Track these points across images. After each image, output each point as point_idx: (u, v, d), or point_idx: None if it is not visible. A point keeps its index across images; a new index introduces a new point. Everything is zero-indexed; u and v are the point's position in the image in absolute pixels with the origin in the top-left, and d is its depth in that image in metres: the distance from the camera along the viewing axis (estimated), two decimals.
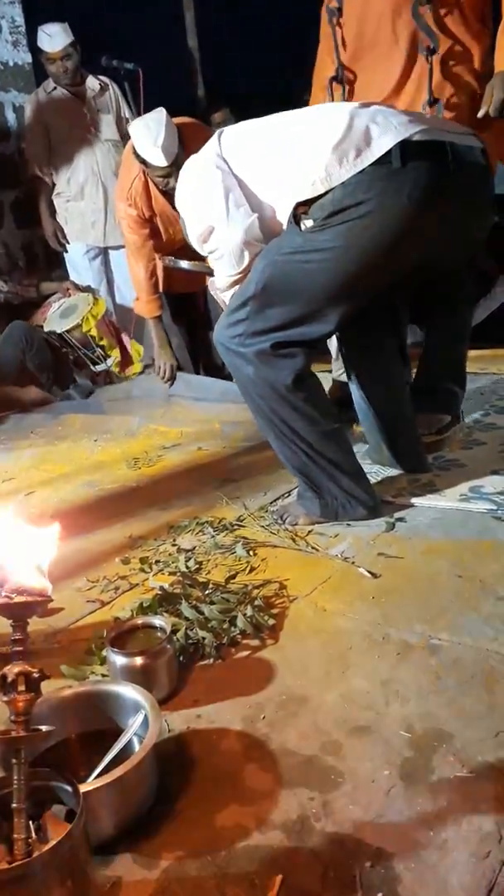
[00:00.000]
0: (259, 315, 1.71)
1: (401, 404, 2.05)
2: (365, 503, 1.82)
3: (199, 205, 1.81)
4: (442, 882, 0.83)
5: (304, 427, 1.76)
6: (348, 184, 1.59)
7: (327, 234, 1.63)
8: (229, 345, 1.77)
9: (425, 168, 1.59)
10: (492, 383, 3.05)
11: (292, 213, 1.69)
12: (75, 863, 0.78)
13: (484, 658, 1.22)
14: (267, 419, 1.79)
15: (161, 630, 1.29)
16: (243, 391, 1.83)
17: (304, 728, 1.12)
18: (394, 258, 1.68)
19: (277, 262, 1.69)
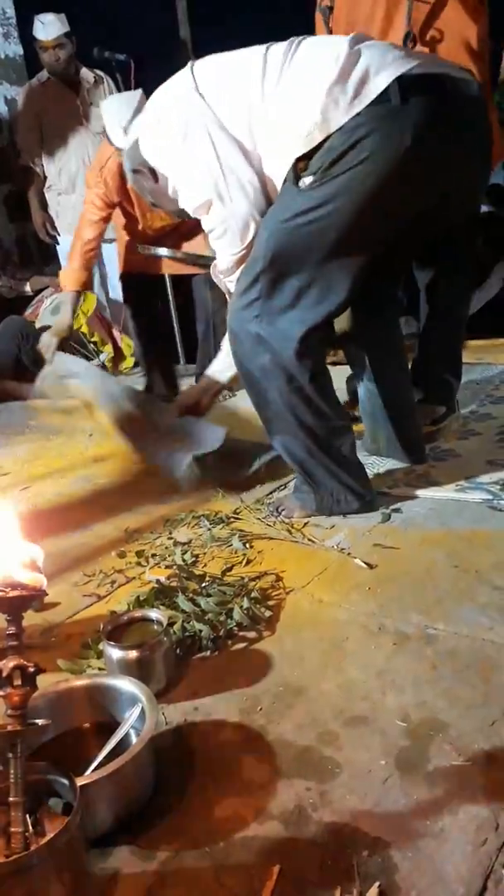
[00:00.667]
0: (273, 291, 1.63)
1: (408, 392, 2.06)
2: (361, 496, 1.81)
3: (188, 171, 1.67)
4: (439, 870, 0.84)
5: (314, 420, 1.72)
6: (346, 128, 1.49)
7: (329, 188, 1.53)
8: (247, 328, 1.67)
9: (426, 103, 1.50)
10: (487, 374, 3.05)
11: (291, 171, 1.58)
12: (72, 856, 0.79)
13: (480, 647, 1.23)
14: (274, 411, 1.74)
15: (157, 623, 1.30)
16: (252, 382, 1.75)
17: (301, 719, 1.12)
18: (399, 204, 1.60)
19: (281, 228, 1.60)
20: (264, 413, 1.79)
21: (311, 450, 1.76)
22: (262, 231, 1.65)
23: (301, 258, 1.60)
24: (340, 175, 1.52)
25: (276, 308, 1.65)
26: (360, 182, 1.52)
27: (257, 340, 1.67)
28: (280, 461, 2.01)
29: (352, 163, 1.51)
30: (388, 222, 1.63)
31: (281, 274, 1.62)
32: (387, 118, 1.49)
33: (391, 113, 1.49)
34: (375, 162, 1.50)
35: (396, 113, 1.49)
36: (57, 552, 1.87)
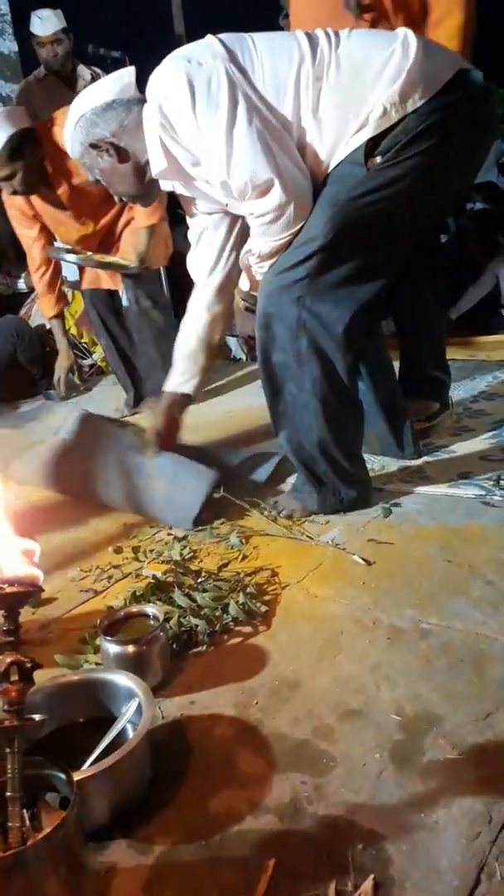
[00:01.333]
0: (324, 270, 1.59)
1: (396, 389, 2.07)
2: (362, 487, 1.82)
3: (243, 148, 1.52)
4: (433, 863, 0.85)
5: (341, 409, 1.70)
6: (421, 112, 1.52)
7: (400, 168, 1.55)
8: (288, 311, 1.62)
9: (475, 95, 1.59)
10: (480, 370, 3.06)
11: (360, 151, 1.55)
12: (69, 850, 0.79)
13: (473, 641, 1.23)
14: (294, 403, 1.71)
15: (154, 618, 1.30)
16: (272, 372, 1.70)
17: (297, 713, 1.13)
18: (451, 189, 1.70)
19: (348, 206, 1.56)
20: (278, 408, 1.75)
21: (324, 444, 1.73)
22: (324, 209, 1.59)
23: (363, 236, 1.60)
24: (413, 157, 1.55)
25: (324, 287, 1.61)
26: (430, 166, 1.57)
27: (297, 324, 1.63)
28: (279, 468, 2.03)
29: (424, 146, 1.54)
30: (439, 206, 1.72)
31: (338, 252, 1.59)
32: (456, 106, 1.55)
33: (459, 102, 1.55)
34: (446, 147, 1.57)
35: (463, 103, 1.56)
36: (53, 548, 1.87)
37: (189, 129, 1.58)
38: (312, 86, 1.54)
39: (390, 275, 1.68)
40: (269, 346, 1.69)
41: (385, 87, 1.52)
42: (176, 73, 1.55)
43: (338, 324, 1.62)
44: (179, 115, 1.56)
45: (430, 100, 1.53)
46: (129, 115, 1.71)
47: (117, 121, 1.72)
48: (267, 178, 1.53)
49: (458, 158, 1.64)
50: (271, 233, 1.62)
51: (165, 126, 1.60)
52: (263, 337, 1.69)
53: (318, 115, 1.56)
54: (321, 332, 1.63)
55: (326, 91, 1.55)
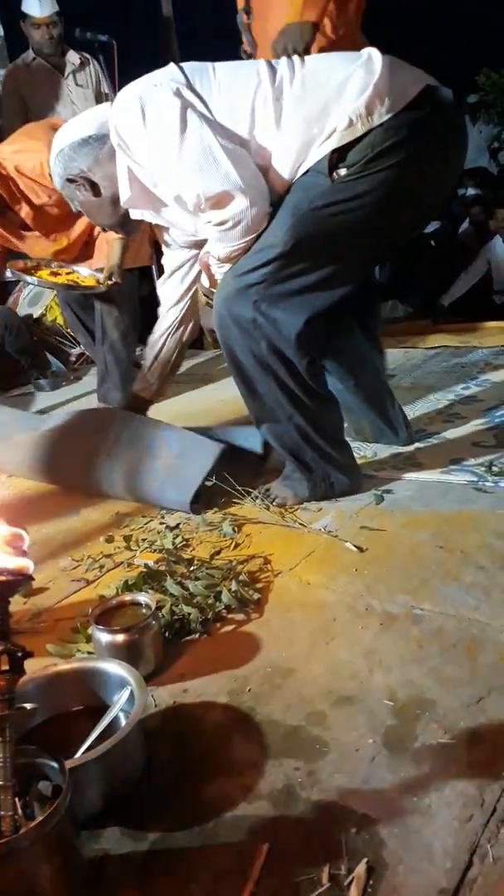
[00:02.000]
0: (282, 276, 1.60)
1: (379, 378, 2.07)
2: (351, 474, 1.83)
3: (196, 163, 1.54)
4: (426, 846, 0.85)
5: (310, 402, 1.71)
6: (388, 126, 1.52)
7: (366, 182, 1.55)
8: (242, 313, 1.63)
9: (444, 112, 1.59)
10: (472, 357, 3.06)
11: (324, 161, 1.55)
12: (62, 838, 0.79)
13: (466, 626, 1.24)
14: (266, 400, 1.72)
15: (146, 607, 1.30)
16: (241, 371, 1.72)
17: (290, 699, 1.13)
18: (420, 205, 1.69)
19: (310, 216, 1.57)
20: (254, 403, 1.76)
21: (306, 433, 1.75)
22: (285, 217, 1.59)
23: (322, 246, 1.61)
24: (379, 172, 1.55)
25: (281, 294, 1.62)
26: (396, 180, 1.56)
27: (252, 326, 1.64)
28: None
29: (390, 161, 1.54)
30: (405, 223, 1.71)
31: (297, 260, 1.60)
32: (424, 123, 1.55)
33: (427, 118, 1.55)
34: (414, 164, 1.56)
35: (430, 120, 1.55)
36: (44, 537, 1.86)
37: (142, 148, 1.60)
38: (272, 105, 1.56)
39: (348, 286, 1.69)
40: (231, 346, 1.71)
41: (351, 99, 1.52)
42: (131, 96, 1.60)
43: (291, 329, 1.63)
44: (132, 132, 1.59)
45: (398, 115, 1.52)
46: (103, 148, 1.73)
47: (92, 156, 1.75)
48: (219, 191, 1.54)
49: (426, 176, 1.62)
50: (229, 239, 1.63)
51: (123, 147, 1.63)
52: (223, 336, 1.71)
53: (280, 128, 1.57)
54: (276, 335, 1.64)
55: (288, 106, 1.56)
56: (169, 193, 1.64)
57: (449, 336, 3.55)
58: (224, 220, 1.59)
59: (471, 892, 0.79)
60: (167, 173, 1.60)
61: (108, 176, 1.75)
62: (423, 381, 2.78)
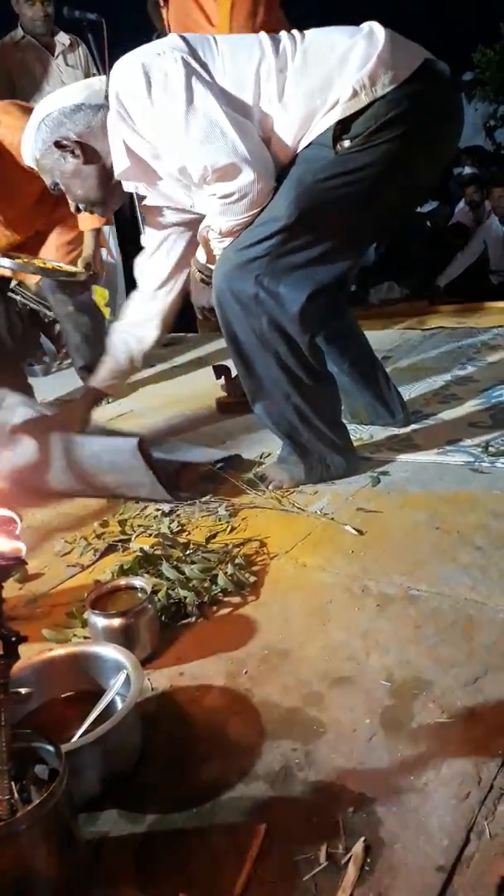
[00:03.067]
0: (286, 249, 1.58)
1: (372, 359, 2.06)
2: (348, 456, 1.82)
3: (203, 134, 1.50)
4: (423, 824, 0.85)
5: (309, 381, 1.70)
6: (390, 98, 1.50)
7: (370, 154, 1.54)
8: (244, 288, 1.61)
9: (443, 86, 1.59)
10: (469, 338, 3.04)
11: (328, 133, 1.53)
12: (59, 821, 0.79)
13: (462, 607, 1.24)
14: (264, 378, 1.70)
15: (142, 591, 1.29)
16: (240, 348, 1.69)
17: (286, 681, 1.13)
18: (421, 177, 1.70)
19: (313, 189, 1.55)
20: (252, 382, 1.74)
21: (303, 414, 1.73)
22: (289, 189, 1.57)
23: (326, 219, 1.59)
24: (382, 143, 1.53)
25: (283, 268, 1.60)
26: (400, 153, 1.55)
27: (254, 301, 1.62)
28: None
29: (394, 133, 1.53)
30: (405, 196, 1.72)
31: (300, 233, 1.58)
32: (425, 96, 1.54)
33: (427, 91, 1.54)
34: (416, 136, 1.56)
35: (430, 93, 1.55)
36: (40, 522, 1.86)
37: (146, 117, 1.56)
38: (276, 77, 1.53)
39: (349, 260, 1.68)
40: (230, 323, 1.68)
41: (354, 70, 1.50)
42: (134, 63, 1.54)
43: (294, 304, 1.62)
44: (135, 102, 1.55)
45: (400, 86, 1.51)
46: (96, 117, 1.68)
47: (84, 122, 1.69)
48: (227, 163, 1.50)
49: (427, 148, 1.63)
50: (233, 212, 1.60)
51: (123, 116, 1.58)
52: (222, 314, 1.68)
53: (283, 101, 1.54)
54: (277, 311, 1.62)
55: (291, 78, 1.54)
56: (173, 165, 1.60)
57: (445, 317, 3.53)
58: (230, 192, 1.56)
59: (468, 868, 0.79)
60: (172, 144, 1.56)
61: (101, 145, 1.69)
62: (420, 363, 2.77)
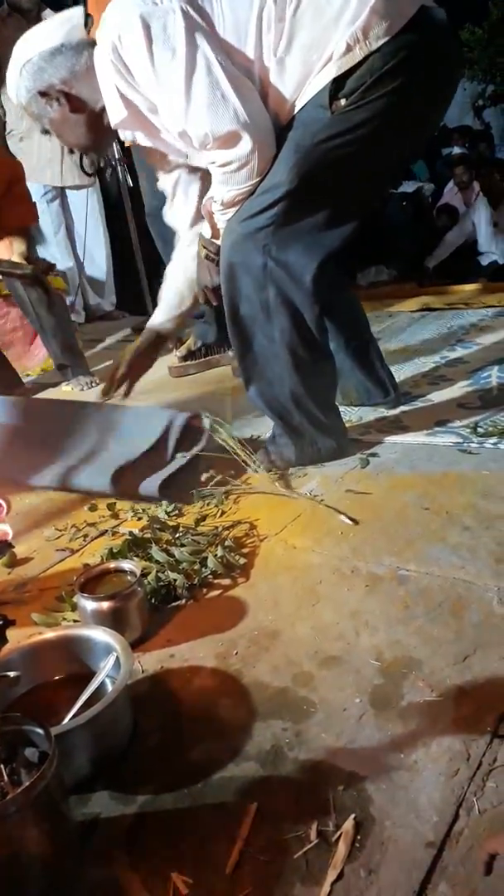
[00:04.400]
0: (291, 216, 1.55)
1: (366, 335, 2.05)
2: (339, 438, 1.82)
3: (205, 99, 1.45)
4: (413, 801, 0.86)
5: (310, 359, 1.68)
6: (384, 52, 1.45)
7: (366, 111, 1.49)
8: (252, 260, 1.58)
9: (440, 34, 1.53)
10: (458, 319, 3.04)
11: (324, 93, 1.49)
12: (50, 802, 0.79)
13: (451, 586, 1.24)
14: (264, 354, 1.68)
15: (131, 574, 1.29)
16: (240, 323, 1.67)
17: (277, 661, 1.13)
18: (419, 130, 1.66)
19: (312, 152, 1.51)
20: (247, 361, 1.72)
21: (297, 396, 1.71)
22: (289, 154, 1.53)
23: (328, 181, 1.55)
24: (378, 98, 1.48)
25: (290, 235, 1.57)
26: (397, 107, 1.50)
27: (262, 272, 1.59)
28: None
29: (390, 87, 1.48)
30: (406, 149, 1.69)
31: (304, 198, 1.55)
32: (420, 45, 1.48)
33: (423, 41, 1.48)
34: (412, 87, 1.50)
35: (427, 41, 1.49)
36: (28, 507, 1.85)
37: (146, 75, 1.49)
38: (275, 27, 1.47)
39: (357, 220, 1.64)
40: (236, 297, 1.65)
41: (347, 24, 1.45)
42: (130, 13, 1.46)
43: (305, 272, 1.59)
44: (135, 59, 1.48)
45: (394, 38, 1.46)
46: (79, 59, 1.62)
47: (67, 67, 1.62)
48: (229, 130, 1.47)
49: (424, 99, 1.58)
50: (235, 181, 1.56)
51: (121, 70, 1.51)
52: (229, 288, 1.65)
53: (280, 56, 1.50)
54: (288, 281, 1.60)
55: (289, 30, 1.48)
56: (173, 128, 1.55)
57: (435, 298, 3.52)
58: (230, 161, 1.52)
59: (457, 844, 0.80)
60: (172, 107, 1.51)
61: (87, 90, 1.63)
62: (409, 344, 2.77)
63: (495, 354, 2.44)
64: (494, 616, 1.15)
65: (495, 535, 1.37)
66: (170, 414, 1.95)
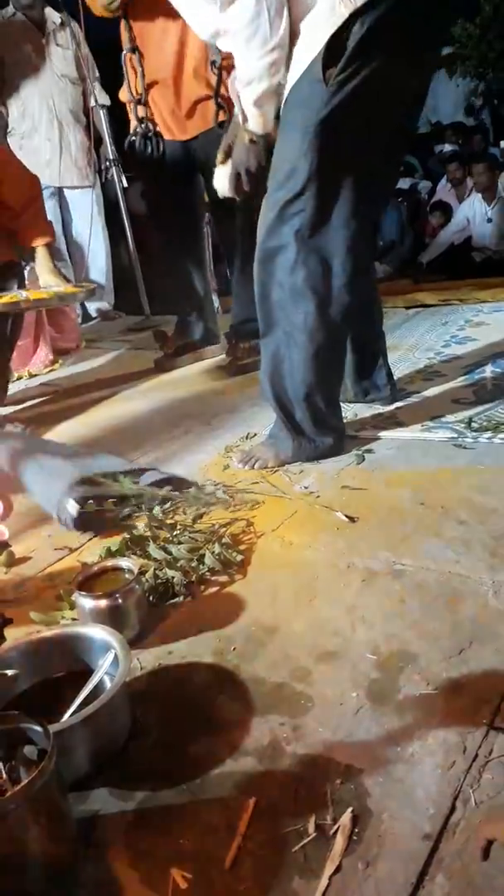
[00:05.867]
0: (318, 201, 1.57)
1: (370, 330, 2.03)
2: (338, 432, 1.84)
3: None
4: (409, 794, 0.86)
5: (325, 345, 1.69)
6: (367, 13, 1.43)
7: (356, 78, 1.48)
8: (285, 244, 1.61)
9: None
10: (453, 315, 3.05)
11: (317, 65, 1.48)
12: (49, 800, 0.79)
13: (447, 580, 1.25)
14: (282, 344, 1.71)
15: (129, 571, 1.29)
16: (268, 310, 1.70)
17: (274, 657, 1.13)
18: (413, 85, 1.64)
19: (321, 130, 1.52)
20: (270, 346, 1.74)
21: (309, 385, 1.73)
22: (299, 138, 1.54)
23: (343, 156, 1.57)
24: (369, 62, 1.48)
25: (321, 220, 1.60)
26: (388, 67, 1.50)
27: (295, 257, 1.62)
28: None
29: (380, 47, 1.47)
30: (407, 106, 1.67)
31: (329, 178, 1.57)
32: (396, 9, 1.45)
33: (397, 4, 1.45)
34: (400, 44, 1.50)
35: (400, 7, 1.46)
36: (27, 507, 1.85)
37: None
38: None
39: (381, 198, 1.69)
40: (268, 282, 1.69)
41: None
42: None
43: (335, 257, 1.62)
44: None
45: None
46: None
47: None
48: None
49: (415, 50, 1.56)
50: (252, 50, 1.50)
51: None
52: (261, 272, 1.69)
53: None
54: (318, 266, 1.63)
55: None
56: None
57: (429, 295, 3.52)
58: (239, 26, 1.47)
59: (454, 836, 0.80)
60: None
61: None
62: (404, 341, 2.77)
63: (490, 350, 2.45)
64: (489, 609, 1.15)
65: (490, 529, 1.37)
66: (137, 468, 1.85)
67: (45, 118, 3.95)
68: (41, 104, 3.93)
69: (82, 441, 2.29)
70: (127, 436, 2.28)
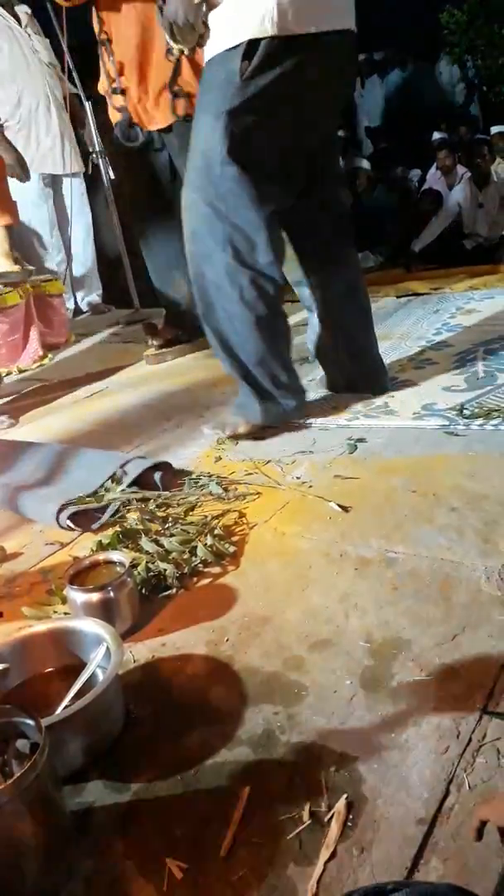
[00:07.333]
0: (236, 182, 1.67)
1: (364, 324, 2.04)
2: (299, 394, 1.93)
3: None
4: (404, 779, 0.86)
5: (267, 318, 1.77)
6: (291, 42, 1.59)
7: (265, 79, 1.62)
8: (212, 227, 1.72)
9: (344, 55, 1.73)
10: (443, 303, 3.04)
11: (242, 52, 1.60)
12: (42, 793, 0.79)
13: (439, 567, 1.25)
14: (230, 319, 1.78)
15: (120, 565, 1.29)
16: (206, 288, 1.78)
17: (267, 646, 1.13)
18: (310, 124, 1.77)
19: (228, 118, 1.64)
20: (215, 321, 1.82)
21: (260, 353, 1.81)
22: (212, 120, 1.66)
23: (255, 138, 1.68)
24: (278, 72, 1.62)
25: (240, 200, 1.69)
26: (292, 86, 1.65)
27: (222, 236, 1.71)
28: None
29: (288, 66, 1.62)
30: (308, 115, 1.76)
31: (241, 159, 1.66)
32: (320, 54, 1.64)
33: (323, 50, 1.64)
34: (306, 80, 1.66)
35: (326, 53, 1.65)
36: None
37: None
38: None
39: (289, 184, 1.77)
40: (200, 261, 1.77)
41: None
42: None
43: (258, 233, 1.70)
44: None
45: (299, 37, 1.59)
46: None
47: None
48: None
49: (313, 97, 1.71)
50: None
51: None
52: (193, 251, 1.78)
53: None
54: (244, 243, 1.71)
55: None
56: None
57: (420, 283, 3.52)
58: None
59: (448, 819, 0.80)
60: None
61: None
62: (395, 329, 2.77)
63: (480, 337, 2.45)
64: (482, 595, 1.15)
65: (482, 516, 1.37)
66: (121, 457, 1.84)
67: (41, 107, 3.94)
68: (35, 94, 3.91)
69: (73, 435, 2.28)
70: (118, 429, 2.27)
